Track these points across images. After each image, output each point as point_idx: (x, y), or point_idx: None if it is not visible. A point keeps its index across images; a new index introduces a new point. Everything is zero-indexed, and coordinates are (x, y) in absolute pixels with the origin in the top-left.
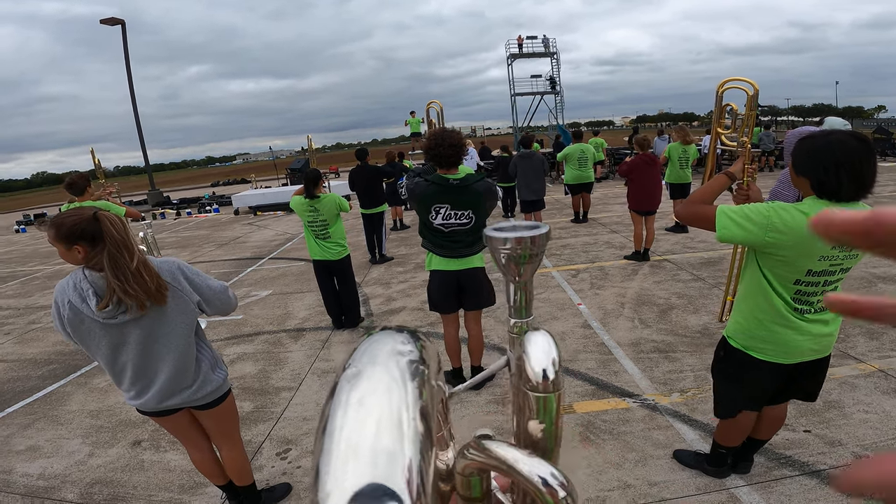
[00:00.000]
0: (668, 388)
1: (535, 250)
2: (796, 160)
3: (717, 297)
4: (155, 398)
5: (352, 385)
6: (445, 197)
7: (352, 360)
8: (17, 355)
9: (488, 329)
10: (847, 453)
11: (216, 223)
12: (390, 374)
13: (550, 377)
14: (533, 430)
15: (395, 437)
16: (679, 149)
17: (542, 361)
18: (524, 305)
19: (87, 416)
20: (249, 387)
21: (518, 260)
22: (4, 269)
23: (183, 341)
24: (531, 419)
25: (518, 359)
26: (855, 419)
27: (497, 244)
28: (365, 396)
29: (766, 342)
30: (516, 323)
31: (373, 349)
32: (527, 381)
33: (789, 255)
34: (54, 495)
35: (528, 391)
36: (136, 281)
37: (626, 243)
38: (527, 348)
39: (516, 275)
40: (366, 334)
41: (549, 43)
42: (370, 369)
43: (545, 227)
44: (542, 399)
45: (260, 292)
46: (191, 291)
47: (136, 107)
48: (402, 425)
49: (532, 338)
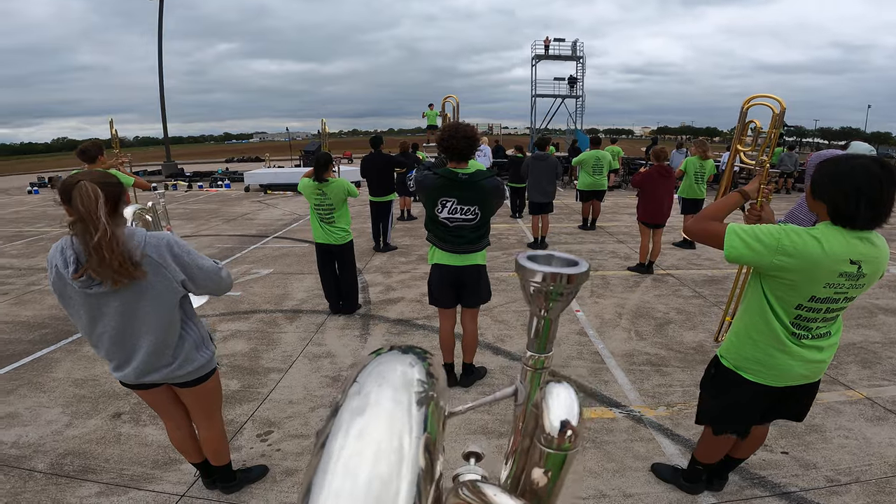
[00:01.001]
0: (655, 402)
1: (570, 289)
2: (815, 183)
3: (715, 316)
4: (133, 372)
5: (357, 407)
6: (453, 191)
7: (359, 379)
8: (11, 317)
9: (483, 327)
10: (820, 477)
11: (226, 198)
12: (396, 400)
13: (568, 435)
14: (536, 479)
15: (393, 467)
16: (696, 163)
17: (562, 416)
18: (546, 341)
19: (71, 384)
20: (239, 365)
21: (548, 295)
22: (12, 228)
23: (163, 318)
24: (536, 468)
25: (535, 406)
26: (834, 444)
27: (528, 275)
28: (370, 422)
29: (759, 364)
30: (532, 356)
31: (381, 370)
32: (542, 432)
33: (795, 280)
34: (24, 464)
35: (542, 445)
36: (97, 256)
37: (631, 254)
38: (548, 400)
39: (543, 309)
40: (374, 353)
41: (577, 47)
42: (377, 392)
43: (584, 266)
44: (553, 455)
45: (261, 270)
46: (175, 269)
47: (163, 80)
48: (403, 456)
49: (554, 390)
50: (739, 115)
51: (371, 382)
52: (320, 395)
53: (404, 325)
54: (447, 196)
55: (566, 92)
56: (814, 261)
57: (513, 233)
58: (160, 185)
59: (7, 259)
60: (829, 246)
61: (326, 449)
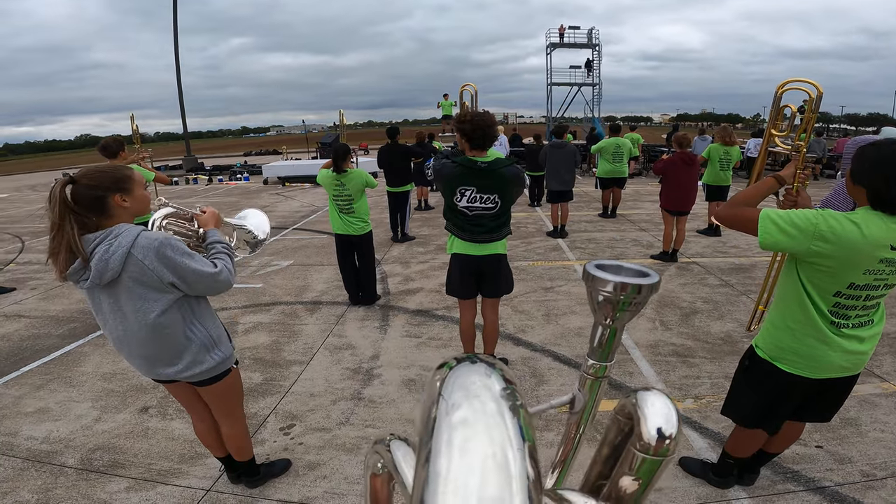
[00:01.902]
0: (682, 394)
1: (640, 300)
2: (856, 167)
3: (744, 305)
4: (141, 369)
5: (453, 427)
6: (471, 179)
7: (444, 393)
8: (40, 311)
9: (504, 318)
10: (856, 471)
11: (245, 191)
12: (487, 412)
13: (667, 441)
14: (625, 485)
15: (504, 483)
16: (720, 149)
17: (661, 424)
18: (609, 350)
19: (100, 378)
20: (261, 358)
21: (616, 305)
22: (40, 224)
23: (151, 320)
24: (626, 475)
25: (624, 414)
26: (869, 437)
27: (598, 285)
28: (470, 436)
29: (796, 354)
30: (594, 364)
31: (462, 382)
32: (639, 439)
33: (833, 266)
34: (55, 460)
35: (638, 451)
36: (50, 254)
37: (653, 242)
38: (643, 408)
39: (609, 318)
40: (444, 366)
41: (592, 35)
42: (467, 404)
43: (655, 276)
44: (650, 461)
45: (281, 262)
46: (162, 271)
47: (180, 77)
48: (510, 470)
49: (650, 398)
50: (773, 100)
51: (457, 395)
52: (341, 388)
53: (424, 315)
54: (466, 185)
55: (582, 79)
56: (853, 246)
57: (531, 221)
58: (180, 178)
59: (35, 254)
60: (869, 231)
61: (433, 466)
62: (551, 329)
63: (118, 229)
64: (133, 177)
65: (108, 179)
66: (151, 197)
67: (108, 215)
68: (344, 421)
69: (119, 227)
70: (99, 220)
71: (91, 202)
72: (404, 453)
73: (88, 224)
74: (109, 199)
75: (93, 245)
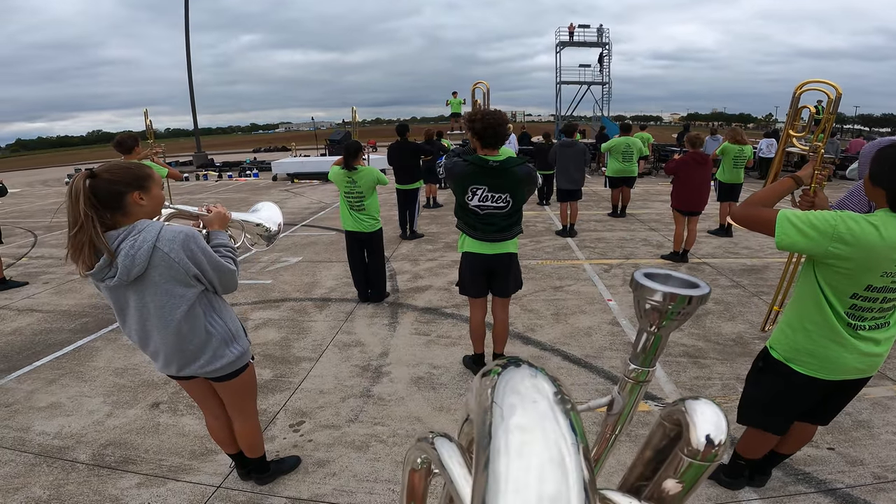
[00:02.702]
0: (692, 394)
1: (688, 310)
2: (875, 169)
3: (756, 307)
4: (164, 365)
5: (509, 426)
6: (483, 178)
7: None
8: (52, 306)
9: (513, 317)
10: (867, 473)
11: (255, 187)
12: (540, 413)
13: (714, 449)
14: (669, 488)
15: (561, 481)
16: (734, 147)
17: (711, 432)
18: (652, 356)
19: (111, 373)
20: (271, 354)
21: (664, 314)
22: (53, 218)
23: (178, 317)
24: (671, 478)
25: (671, 420)
26: (881, 440)
27: (646, 293)
28: (527, 439)
29: (812, 356)
30: (636, 370)
31: (513, 386)
32: (687, 445)
33: (851, 268)
34: (67, 455)
35: (686, 456)
36: (73, 251)
37: (664, 242)
38: (693, 416)
39: (655, 326)
40: (490, 372)
41: (602, 33)
42: (521, 407)
43: (706, 288)
44: (696, 466)
45: (290, 258)
46: (188, 264)
47: (191, 73)
48: (566, 469)
49: (699, 408)
50: (791, 101)
51: (511, 399)
52: (350, 385)
53: (433, 313)
54: (477, 184)
55: (592, 77)
56: (871, 248)
57: (540, 220)
58: (191, 174)
59: (47, 249)
60: (888, 233)
61: (492, 469)
62: (560, 328)
63: (140, 225)
64: (153, 176)
65: (130, 176)
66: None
67: (125, 212)
68: (353, 418)
69: (141, 223)
70: (115, 216)
71: (109, 197)
72: (449, 450)
73: (105, 221)
74: (128, 196)
75: (116, 242)
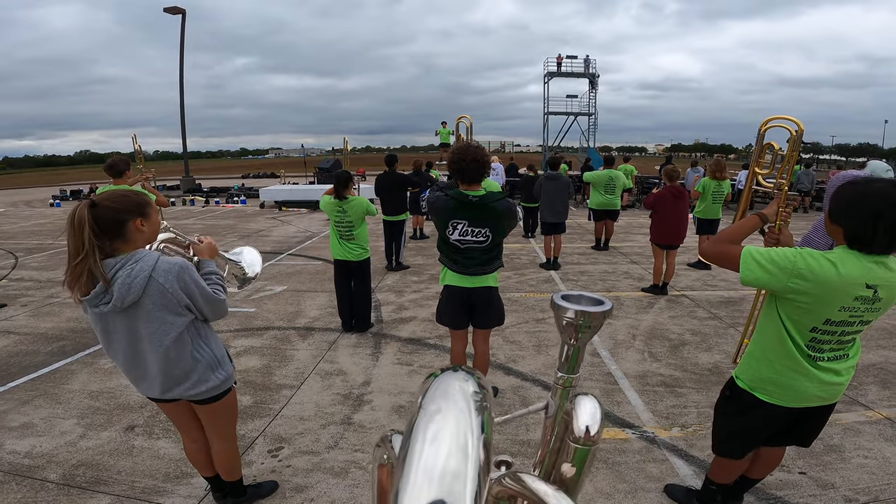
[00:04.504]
0: (669, 423)
1: (595, 324)
2: (833, 207)
3: (731, 337)
4: (149, 389)
5: (430, 419)
6: (464, 213)
7: (427, 396)
8: (30, 328)
9: (495, 348)
10: (839, 497)
11: (242, 214)
12: (458, 407)
13: (592, 434)
14: (565, 471)
15: (460, 460)
16: (713, 183)
17: (588, 421)
18: (574, 364)
19: (86, 396)
20: (252, 381)
21: (577, 328)
22: (34, 240)
23: (168, 342)
24: (566, 462)
25: (567, 414)
26: (853, 464)
27: (561, 312)
28: (441, 429)
29: (774, 385)
30: (562, 377)
31: (443, 387)
32: (571, 433)
33: (810, 303)
34: (37, 475)
35: (571, 442)
36: (72, 280)
37: (644, 275)
38: (577, 408)
39: (573, 338)
40: (431, 376)
41: (589, 64)
42: (445, 405)
43: (608, 305)
44: (581, 450)
45: (275, 287)
46: (181, 295)
47: (184, 96)
48: (467, 451)
49: (583, 401)
50: (757, 138)
51: (438, 398)
52: (331, 413)
53: (416, 344)
54: (458, 218)
55: (580, 106)
56: (829, 284)
57: (525, 253)
58: (177, 199)
59: (28, 271)
60: (845, 270)
61: (408, 458)
62: (542, 359)
63: (139, 254)
64: (151, 203)
65: (131, 203)
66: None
67: (126, 239)
68: (333, 445)
69: (139, 253)
70: (115, 244)
71: (111, 226)
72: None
73: (105, 249)
74: (130, 223)
75: (114, 270)
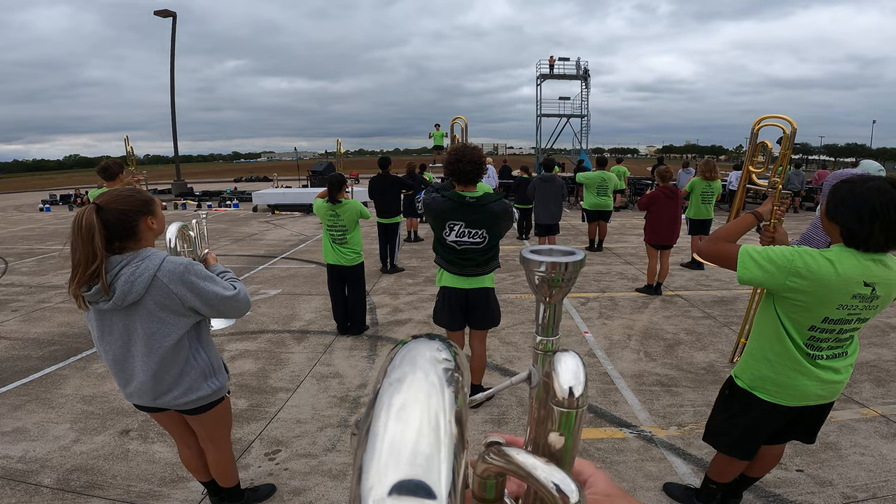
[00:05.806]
0: (666, 422)
1: (568, 276)
2: (830, 205)
3: (726, 337)
4: (133, 396)
5: (395, 389)
6: (460, 214)
7: (392, 366)
8: (20, 334)
9: (492, 349)
10: (837, 494)
11: (234, 218)
12: (429, 381)
13: (576, 395)
14: (553, 441)
15: (433, 440)
16: (702, 184)
17: (570, 380)
18: (552, 325)
19: (79, 401)
20: (247, 384)
21: (551, 283)
22: (24, 245)
23: (167, 345)
24: (552, 431)
25: (546, 375)
26: (850, 461)
27: (532, 266)
28: (408, 401)
29: (774, 384)
30: (542, 340)
31: (412, 355)
32: (553, 396)
33: (808, 302)
34: (30, 479)
35: (554, 406)
36: (78, 284)
37: (639, 275)
38: (556, 367)
39: (547, 296)
40: (400, 343)
41: (580, 65)
42: (411, 375)
43: (580, 255)
44: (565, 414)
45: (269, 291)
46: (187, 296)
47: (174, 99)
48: (439, 429)
49: (562, 357)
50: (750, 137)
51: (405, 365)
52: (328, 415)
53: None
54: (455, 219)
55: (572, 108)
56: (826, 283)
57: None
58: (168, 203)
59: (18, 276)
60: (843, 268)
61: (372, 429)
62: None
63: (145, 252)
64: (156, 199)
65: (138, 202)
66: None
67: (137, 238)
68: (330, 447)
69: (146, 251)
70: (125, 243)
71: (122, 227)
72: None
73: (113, 249)
74: (140, 222)
75: (118, 267)
